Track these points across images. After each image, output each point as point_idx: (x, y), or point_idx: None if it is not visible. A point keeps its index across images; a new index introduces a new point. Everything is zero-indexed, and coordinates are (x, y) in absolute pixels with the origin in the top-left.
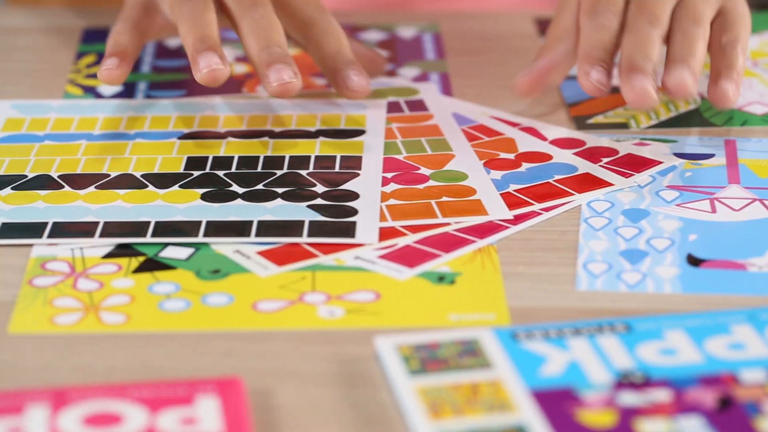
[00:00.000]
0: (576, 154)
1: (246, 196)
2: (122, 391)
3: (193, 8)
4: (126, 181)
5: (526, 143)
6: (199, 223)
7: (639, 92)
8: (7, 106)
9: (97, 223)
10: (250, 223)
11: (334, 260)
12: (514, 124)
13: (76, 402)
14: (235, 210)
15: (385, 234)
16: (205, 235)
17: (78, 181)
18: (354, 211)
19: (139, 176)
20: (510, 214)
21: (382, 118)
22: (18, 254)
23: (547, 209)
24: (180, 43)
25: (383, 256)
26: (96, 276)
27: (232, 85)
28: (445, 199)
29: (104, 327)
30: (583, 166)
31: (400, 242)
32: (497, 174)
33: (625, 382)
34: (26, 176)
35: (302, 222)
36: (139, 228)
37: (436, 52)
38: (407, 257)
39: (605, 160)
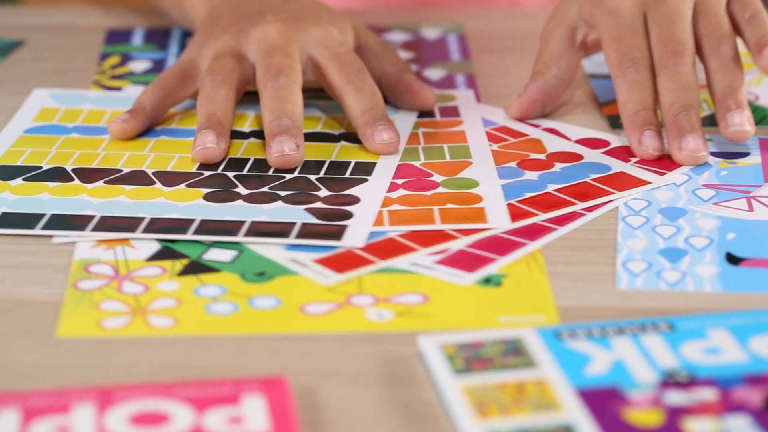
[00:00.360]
0: (605, 152)
1: (247, 198)
2: (168, 390)
3: (212, 82)
4: (136, 178)
5: (553, 143)
6: (192, 221)
7: (692, 157)
8: (46, 95)
9: (92, 217)
10: (242, 223)
11: (396, 263)
12: (535, 126)
13: (121, 401)
14: (232, 210)
15: (435, 238)
16: (196, 232)
17: (89, 175)
18: (349, 215)
19: (150, 173)
20: (510, 224)
21: (410, 124)
22: (59, 254)
23: (589, 209)
24: None
25: (440, 262)
26: (141, 279)
27: None
28: (449, 206)
29: (153, 330)
30: (617, 165)
31: (452, 247)
32: (533, 174)
33: (670, 381)
34: (41, 167)
35: (294, 224)
36: (131, 223)
37: (461, 52)
38: (464, 261)
39: (635, 159)
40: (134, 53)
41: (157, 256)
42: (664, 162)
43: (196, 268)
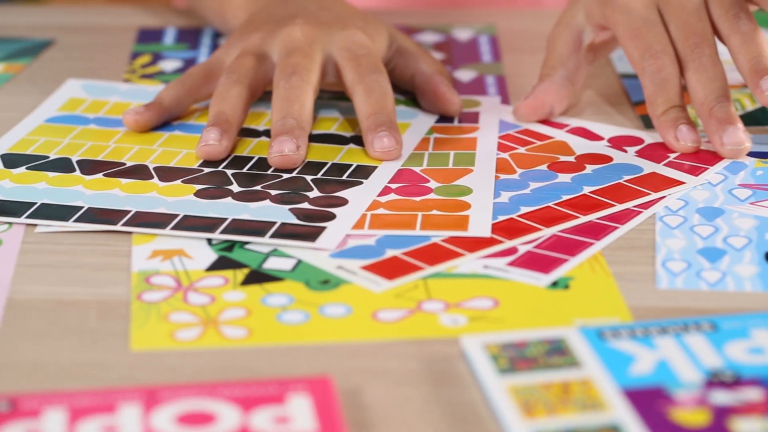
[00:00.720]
0: (638, 151)
1: (237, 195)
2: (213, 390)
3: (227, 80)
4: (136, 172)
5: (580, 145)
6: (174, 216)
7: (736, 150)
8: (78, 85)
9: (79, 208)
10: (223, 220)
11: (445, 268)
12: (562, 126)
13: (167, 401)
14: (217, 207)
15: (481, 243)
16: (174, 228)
17: (92, 167)
18: (331, 217)
19: (152, 168)
20: (489, 234)
21: (425, 129)
22: (98, 254)
23: (643, 206)
24: None
25: (512, 263)
26: (205, 289)
27: None
28: (434, 212)
29: (227, 341)
30: (648, 166)
31: (521, 249)
32: (566, 177)
33: (715, 381)
34: (47, 157)
35: (273, 223)
36: (115, 216)
37: (493, 54)
38: (537, 263)
39: (672, 155)
40: (165, 52)
41: (216, 266)
42: (698, 158)
43: (259, 277)
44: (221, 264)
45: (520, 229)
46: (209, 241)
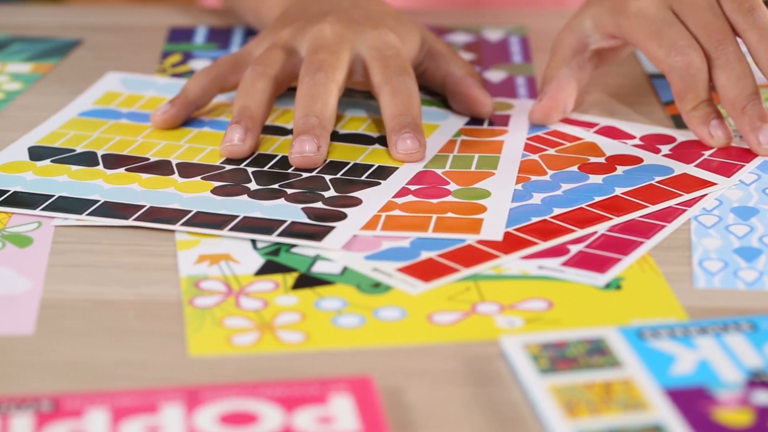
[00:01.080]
0: (672, 149)
1: (252, 193)
2: (255, 390)
3: (252, 73)
4: (159, 167)
5: (610, 146)
6: (186, 212)
7: None
8: (117, 78)
9: (95, 202)
10: (233, 218)
11: (493, 269)
12: (592, 125)
13: (210, 401)
14: (231, 205)
15: (517, 244)
16: (184, 224)
17: (115, 161)
18: (342, 217)
19: (174, 164)
20: (500, 238)
21: (452, 131)
22: (137, 254)
23: (687, 203)
24: None
25: (566, 264)
26: (256, 294)
27: None
28: (449, 215)
29: (284, 346)
30: (679, 167)
31: (572, 249)
32: (598, 178)
33: (757, 381)
34: (74, 151)
35: (282, 222)
36: (128, 211)
37: (523, 54)
38: (592, 263)
39: (707, 153)
40: (196, 52)
41: (264, 270)
42: (730, 155)
43: (309, 281)
44: (269, 268)
45: (554, 231)
46: (254, 244)
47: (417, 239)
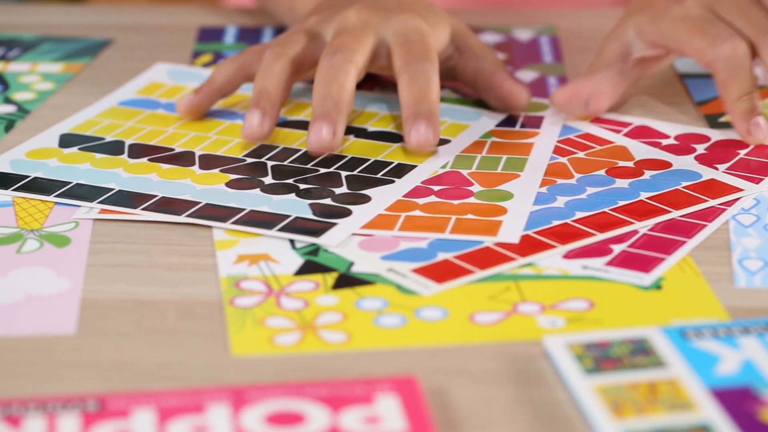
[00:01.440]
0: (707, 148)
1: (265, 188)
2: (300, 390)
3: (271, 53)
4: (181, 158)
5: (640, 150)
6: (194, 204)
7: None
8: (164, 69)
9: (109, 190)
10: (239, 211)
11: (532, 268)
12: (626, 124)
13: (255, 401)
14: (240, 198)
15: (534, 246)
16: (190, 215)
17: (141, 151)
18: (347, 214)
19: (198, 155)
20: (517, 241)
21: (481, 132)
22: (175, 254)
23: (727, 203)
24: None
25: (610, 263)
26: (297, 294)
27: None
28: (468, 216)
29: (327, 346)
30: (707, 173)
31: (615, 249)
32: (624, 182)
33: None
34: (103, 139)
35: (286, 217)
36: (140, 200)
37: (554, 54)
38: (636, 262)
39: (743, 152)
40: (226, 51)
41: (304, 270)
42: (763, 163)
43: (349, 281)
44: (309, 268)
45: (574, 234)
46: (293, 244)
47: (435, 240)
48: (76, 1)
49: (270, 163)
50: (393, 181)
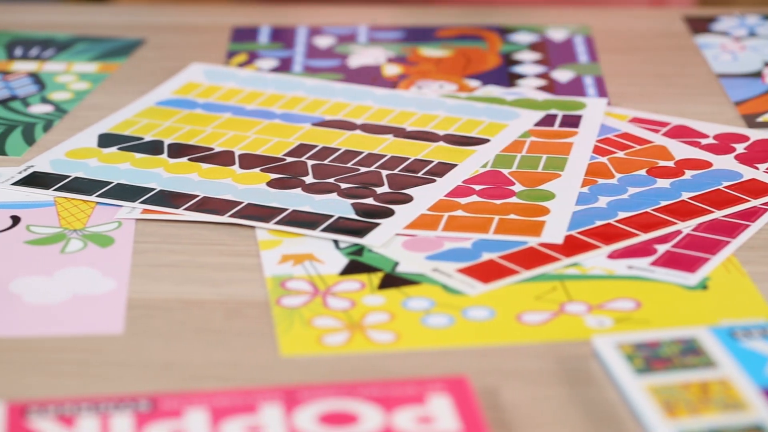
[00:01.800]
0: (746, 148)
1: (306, 187)
2: (353, 390)
3: None
4: (221, 158)
5: (679, 150)
6: (236, 204)
7: None
8: (199, 70)
9: (150, 190)
10: (282, 211)
11: (578, 268)
12: (664, 124)
13: (308, 401)
14: (283, 198)
15: (578, 247)
16: (232, 215)
17: (180, 151)
18: (390, 214)
19: (237, 155)
20: (561, 241)
21: (520, 131)
22: (217, 254)
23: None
24: (330, 43)
25: (655, 263)
26: (343, 294)
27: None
28: (511, 216)
29: (375, 346)
30: (748, 173)
31: (660, 249)
32: (665, 182)
33: None
34: (142, 139)
35: (329, 217)
36: (182, 201)
37: (589, 54)
38: (681, 262)
39: (765, 166)
40: (261, 51)
41: (349, 270)
42: None
43: (394, 281)
44: (354, 268)
45: (618, 235)
46: (336, 244)
47: (479, 240)
48: (104, 1)
49: (310, 162)
50: (434, 180)
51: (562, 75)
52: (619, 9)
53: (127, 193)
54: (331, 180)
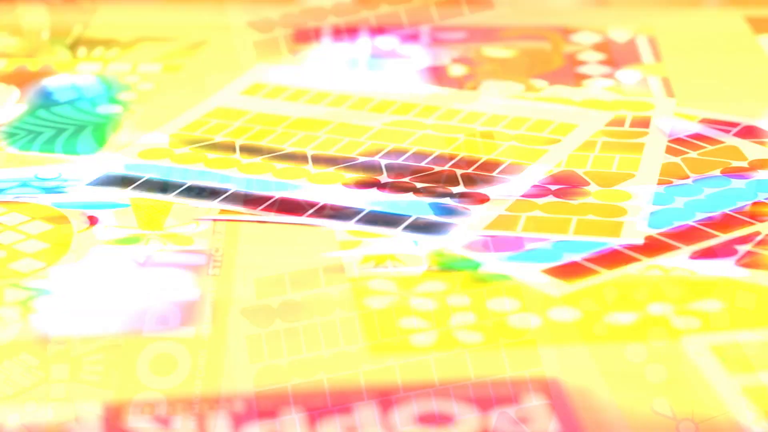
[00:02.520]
0: None
1: (382, 186)
2: (447, 390)
3: None
4: (293, 158)
5: (751, 150)
6: (313, 204)
7: None
8: (266, 70)
9: (225, 191)
10: (359, 210)
11: (659, 269)
12: (734, 124)
13: (403, 401)
14: (358, 197)
15: (662, 248)
16: (311, 215)
17: (252, 151)
18: (466, 213)
19: (310, 155)
20: (642, 242)
21: (590, 131)
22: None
23: None
24: (394, 44)
25: (738, 263)
26: (427, 294)
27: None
28: (589, 217)
29: (464, 346)
30: None
31: (740, 249)
32: (740, 183)
33: None
34: (213, 139)
35: (408, 217)
36: (256, 201)
37: (653, 55)
38: (765, 262)
39: None
40: (324, 51)
41: (431, 271)
42: None
43: (478, 281)
44: (436, 268)
45: (698, 236)
46: (416, 244)
47: (559, 241)
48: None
49: (384, 162)
50: (508, 180)
51: (628, 76)
52: (682, 9)
53: (202, 193)
54: (406, 179)
